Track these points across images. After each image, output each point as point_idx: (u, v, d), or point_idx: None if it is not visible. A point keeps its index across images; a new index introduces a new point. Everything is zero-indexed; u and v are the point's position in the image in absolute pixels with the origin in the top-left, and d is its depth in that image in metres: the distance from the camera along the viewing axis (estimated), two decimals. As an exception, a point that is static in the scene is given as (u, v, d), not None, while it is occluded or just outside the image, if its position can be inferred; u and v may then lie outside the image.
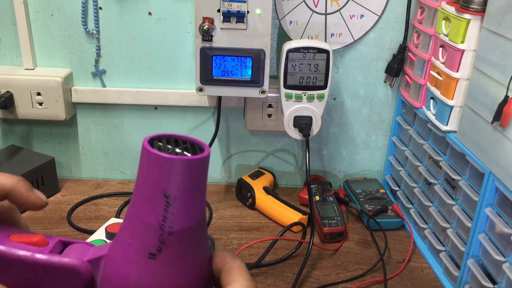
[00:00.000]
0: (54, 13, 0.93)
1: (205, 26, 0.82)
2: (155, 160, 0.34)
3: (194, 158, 0.34)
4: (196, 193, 0.35)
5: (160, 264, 0.35)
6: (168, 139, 0.36)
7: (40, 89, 0.93)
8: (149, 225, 0.34)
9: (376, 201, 0.96)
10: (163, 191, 0.34)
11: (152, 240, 0.34)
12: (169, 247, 0.35)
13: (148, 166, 0.34)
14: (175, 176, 0.34)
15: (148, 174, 0.34)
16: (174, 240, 0.35)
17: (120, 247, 0.36)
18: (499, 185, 0.65)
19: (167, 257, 0.35)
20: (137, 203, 0.35)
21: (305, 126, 0.87)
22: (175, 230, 0.34)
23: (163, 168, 0.33)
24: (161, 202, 0.34)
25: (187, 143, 0.37)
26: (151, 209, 0.34)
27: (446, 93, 0.77)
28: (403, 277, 0.81)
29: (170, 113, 1.01)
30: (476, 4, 0.71)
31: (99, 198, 0.99)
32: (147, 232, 0.34)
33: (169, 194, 0.34)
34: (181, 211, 0.34)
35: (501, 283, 0.65)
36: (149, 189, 0.34)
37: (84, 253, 0.37)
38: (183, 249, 0.35)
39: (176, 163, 0.33)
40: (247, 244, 0.85)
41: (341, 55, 0.97)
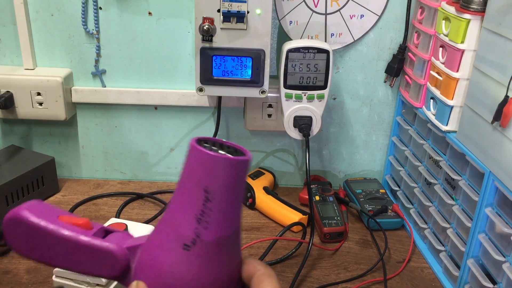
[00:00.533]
0: (54, 13, 0.93)
1: (205, 26, 0.82)
2: (200, 156, 0.36)
3: (235, 159, 0.36)
4: (235, 194, 0.37)
5: (194, 256, 0.36)
6: (214, 142, 0.39)
7: (40, 89, 0.93)
8: (186, 217, 0.36)
9: (376, 201, 0.96)
10: (204, 187, 0.36)
11: (188, 232, 0.36)
12: (204, 242, 0.36)
13: (193, 162, 0.36)
14: (217, 174, 0.35)
15: (192, 170, 0.36)
16: (209, 236, 0.36)
17: (158, 236, 0.38)
18: (499, 185, 0.65)
19: (201, 251, 0.36)
20: (178, 196, 0.37)
21: (305, 126, 0.87)
22: (211, 226, 0.36)
23: (206, 165, 0.36)
24: (201, 197, 0.36)
25: (231, 148, 0.39)
26: (190, 202, 0.36)
27: (446, 93, 0.77)
28: (403, 277, 0.81)
29: (170, 113, 1.01)
30: (476, 4, 0.71)
31: (99, 198, 0.99)
32: (184, 224, 0.36)
33: (209, 190, 0.36)
34: (219, 208, 0.36)
35: (501, 283, 0.65)
36: (191, 184, 0.36)
37: (124, 241, 0.40)
38: (217, 247, 0.37)
39: (219, 161, 0.35)
40: (247, 244, 0.85)
41: (341, 55, 0.97)
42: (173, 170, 1.06)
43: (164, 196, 1.00)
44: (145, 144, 1.04)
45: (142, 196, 1.00)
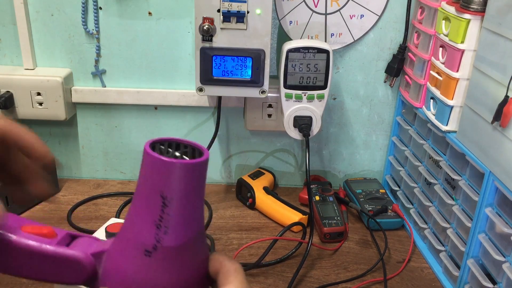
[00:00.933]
0: (54, 13, 0.93)
1: (205, 26, 0.82)
2: (152, 162, 0.35)
3: (189, 162, 0.35)
4: (193, 196, 0.36)
5: (156, 262, 0.36)
6: (170, 142, 0.37)
7: (40, 89, 0.93)
8: (146, 224, 0.36)
9: (376, 201, 0.96)
10: (160, 192, 0.35)
11: (148, 238, 0.36)
12: (165, 248, 0.36)
13: (147, 167, 0.36)
14: (171, 179, 0.35)
15: (147, 175, 0.36)
16: (170, 242, 0.36)
17: (120, 243, 0.38)
18: (499, 185, 0.65)
19: (162, 256, 0.36)
20: (136, 202, 0.37)
21: (305, 126, 0.87)
22: (171, 230, 0.35)
23: (160, 170, 0.35)
24: (158, 203, 0.35)
25: (188, 147, 0.38)
26: (148, 208, 0.35)
27: (446, 93, 0.77)
28: (403, 277, 0.81)
29: (170, 113, 1.01)
30: (476, 4, 0.71)
31: (99, 198, 0.99)
32: (144, 230, 0.36)
33: (165, 196, 0.35)
34: (177, 213, 0.35)
35: (501, 283, 0.65)
36: (148, 189, 0.36)
37: (89, 247, 0.39)
38: (178, 251, 0.36)
39: (172, 166, 0.34)
40: (247, 244, 0.85)
41: (341, 55, 0.97)
42: (173, 170, 1.06)
43: (164, 196, 1.00)
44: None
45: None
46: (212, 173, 1.06)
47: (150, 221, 0.35)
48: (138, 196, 0.37)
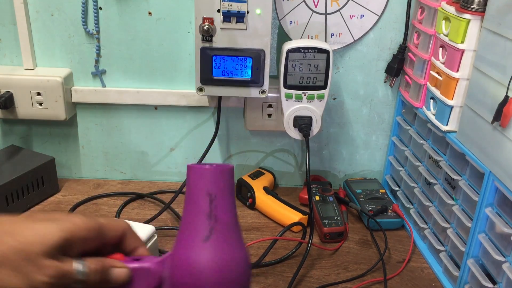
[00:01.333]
0: (54, 13, 0.93)
1: (205, 26, 0.82)
2: (199, 171, 0.47)
3: (226, 167, 0.48)
4: (229, 190, 0.48)
5: (214, 243, 0.46)
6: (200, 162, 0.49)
7: (40, 89, 0.93)
8: (200, 217, 0.46)
9: (376, 201, 0.96)
10: (207, 191, 0.46)
11: (204, 227, 0.46)
12: (218, 231, 0.46)
13: (195, 178, 0.48)
14: (215, 180, 0.47)
15: (195, 184, 0.47)
16: (220, 225, 0.46)
17: (182, 239, 0.47)
18: (499, 185, 0.65)
19: (217, 238, 0.46)
20: (190, 204, 0.48)
21: (305, 126, 0.87)
22: (219, 217, 0.46)
23: (206, 176, 0.47)
24: (207, 199, 0.46)
25: (213, 164, 0.49)
26: (201, 206, 0.46)
27: (446, 93, 0.77)
28: (403, 277, 0.81)
29: (170, 113, 1.01)
30: (476, 4, 0.71)
31: (99, 198, 0.99)
32: (200, 222, 0.46)
33: (211, 193, 0.46)
34: (221, 203, 0.47)
35: (501, 283, 0.65)
36: (197, 192, 0.47)
37: (154, 258, 0.49)
38: (228, 231, 0.47)
39: (215, 170, 0.47)
40: (247, 244, 0.85)
41: (341, 55, 0.97)
42: (173, 170, 1.06)
43: (164, 196, 1.00)
44: (145, 144, 1.04)
45: (142, 196, 1.00)
46: (212, 173, 1.06)
47: (203, 215, 0.46)
48: (190, 200, 0.48)
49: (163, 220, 0.92)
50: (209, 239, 0.45)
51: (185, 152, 1.04)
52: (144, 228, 0.79)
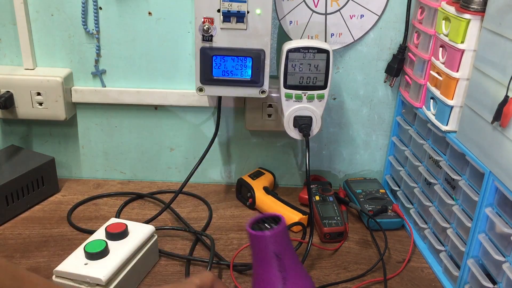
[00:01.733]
0: (54, 13, 0.93)
1: (205, 26, 0.82)
2: (263, 239, 0.57)
3: (282, 228, 0.58)
4: (288, 242, 0.59)
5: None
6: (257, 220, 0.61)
7: (40, 89, 0.93)
8: (274, 271, 0.58)
9: (376, 201, 0.96)
10: (273, 252, 0.57)
11: (278, 278, 0.57)
12: (289, 278, 0.58)
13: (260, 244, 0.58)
14: (278, 241, 0.57)
15: (262, 247, 0.58)
16: (289, 273, 0.58)
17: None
18: (499, 185, 0.65)
19: (290, 284, 0.58)
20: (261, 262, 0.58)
21: (305, 126, 0.87)
22: (287, 267, 0.58)
23: (270, 241, 0.57)
24: (275, 257, 0.57)
25: (268, 218, 0.61)
26: (271, 263, 0.57)
27: (446, 93, 0.77)
28: (403, 277, 0.81)
29: (170, 113, 1.01)
30: (476, 4, 0.71)
31: (99, 198, 0.99)
32: (275, 276, 0.58)
33: (277, 252, 0.57)
34: (286, 256, 0.58)
35: (501, 283, 0.65)
36: (265, 254, 0.57)
37: None
38: (296, 273, 0.59)
39: (275, 234, 0.57)
40: (247, 244, 0.85)
41: (341, 55, 0.97)
42: (173, 170, 1.06)
43: (164, 196, 1.00)
44: (145, 144, 1.04)
45: (142, 196, 1.00)
46: (212, 173, 1.07)
47: (275, 269, 0.57)
48: (258, 260, 0.59)
49: (163, 220, 0.92)
50: (285, 286, 0.57)
51: (185, 152, 1.04)
52: (144, 228, 0.79)
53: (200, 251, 0.85)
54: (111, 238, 0.75)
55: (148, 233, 0.79)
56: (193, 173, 0.94)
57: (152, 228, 0.80)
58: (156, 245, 0.81)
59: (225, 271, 0.80)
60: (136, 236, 0.77)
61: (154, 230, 0.80)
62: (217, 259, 0.82)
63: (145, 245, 0.78)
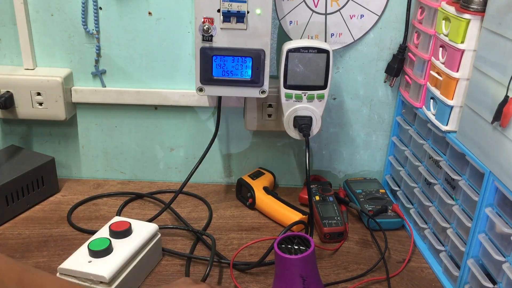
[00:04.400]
0: (54, 13, 0.93)
1: (205, 26, 0.82)
2: (291, 262, 0.59)
3: (311, 252, 0.60)
4: (315, 267, 0.61)
5: None
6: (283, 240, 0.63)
7: (40, 89, 0.93)
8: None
9: (376, 201, 0.96)
10: (300, 274, 0.59)
11: None
12: None
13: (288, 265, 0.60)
14: (305, 265, 0.59)
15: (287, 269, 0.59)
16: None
17: None
18: (499, 185, 0.65)
19: None
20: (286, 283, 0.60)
21: (305, 126, 0.87)
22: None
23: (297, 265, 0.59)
24: (301, 280, 0.59)
25: (296, 238, 0.63)
26: (297, 285, 0.59)
27: (446, 93, 0.77)
28: (403, 277, 0.81)
29: (170, 113, 1.01)
30: (476, 4, 0.71)
31: (99, 198, 0.99)
32: None
33: (302, 274, 0.59)
34: (311, 279, 0.60)
35: (501, 283, 0.65)
36: (292, 276, 0.59)
37: None
38: None
39: (303, 258, 0.59)
40: (247, 244, 0.85)
41: (341, 55, 0.97)
42: (173, 170, 1.06)
43: (164, 196, 1.00)
44: (145, 144, 1.04)
45: (142, 196, 1.00)
46: (212, 173, 1.07)
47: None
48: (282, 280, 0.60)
49: (163, 220, 0.92)
50: None
51: (185, 152, 1.04)
52: (147, 226, 0.79)
53: (200, 250, 0.85)
54: (115, 236, 0.75)
55: (151, 232, 0.79)
56: (193, 173, 0.94)
57: (156, 227, 0.80)
58: (159, 244, 0.82)
59: (226, 270, 0.80)
60: (140, 235, 0.77)
61: (157, 228, 0.80)
62: (218, 258, 0.82)
63: (149, 244, 0.78)
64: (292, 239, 0.62)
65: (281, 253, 0.59)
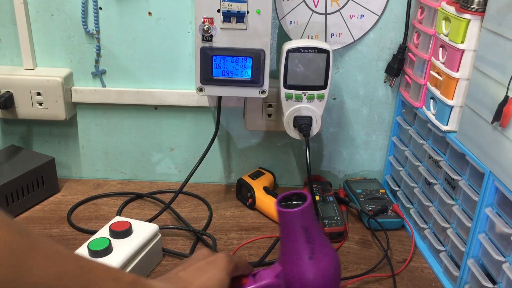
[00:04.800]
0: (54, 13, 0.93)
1: (205, 26, 0.82)
2: (291, 215, 0.62)
3: (308, 204, 0.62)
4: (314, 217, 0.63)
5: (316, 259, 0.62)
6: (284, 198, 0.65)
7: (40, 89, 0.93)
8: (303, 243, 0.62)
9: (376, 201, 0.96)
10: (301, 226, 0.62)
11: (307, 249, 0.62)
12: (316, 249, 0.62)
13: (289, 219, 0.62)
14: (305, 216, 0.62)
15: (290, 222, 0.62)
16: (317, 245, 0.63)
17: (290, 259, 0.63)
18: (499, 185, 0.65)
19: (318, 255, 0.63)
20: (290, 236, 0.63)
21: (305, 126, 0.87)
22: (315, 239, 0.62)
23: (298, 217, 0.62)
24: (303, 231, 0.62)
25: (294, 196, 0.65)
26: (300, 236, 0.62)
27: (446, 93, 0.77)
28: (403, 277, 0.81)
29: (170, 113, 1.01)
30: (476, 4, 0.71)
31: (99, 198, 0.99)
32: (303, 247, 0.62)
33: (305, 226, 0.62)
34: (313, 229, 0.62)
35: (501, 283, 0.65)
36: (294, 228, 0.62)
37: (269, 274, 0.64)
38: (322, 246, 0.63)
39: (302, 210, 0.61)
40: (247, 241, 0.85)
41: (341, 55, 0.97)
42: (173, 170, 1.06)
43: (164, 196, 1.00)
44: (145, 144, 1.04)
45: (142, 196, 1.00)
46: (212, 173, 1.07)
47: (304, 241, 0.62)
48: (287, 235, 0.63)
49: (163, 220, 0.92)
50: (313, 257, 0.62)
51: (185, 152, 1.04)
52: (148, 226, 0.79)
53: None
54: (115, 236, 0.75)
55: (152, 232, 0.79)
56: (193, 173, 0.94)
57: (156, 227, 0.80)
58: (160, 244, 0.81)
59: (225, 271, 0.80)
60: (140, 235, 0.77)
61: (158, 229, 0.80)
62: (217, 259, 0.82)
63: (149, 244, 0.78)
64: (290, 198, 0.66)
65: (282, 209, 0.62)
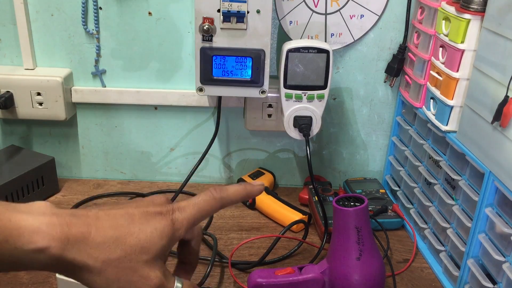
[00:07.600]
0: (54, 13, 0.93)
1: (205, 26, 0.82)
2: (348, 213, 0.65)
3: (364, 206, 0.66)
4: (368, 220, 0.66)
5: (363, 261, 0.65)
6: (340, 199, 0.69)
7: (40, 89, 0.93)
8: (352, 243, 0.66)
9: (376, 201, 0.96)
10: (355, 225, 0.65)
11: (356, 250, 0.65)
12: (365, 251, 0.65)
13: (344, 216, 0.66)
14: (359, 217, 0.65)
15: (345, 221, 0.66)
16: (366, 247, 0.66)
17: (338, 258, 0.67)
18: (499, 185, 0.65)
19: (365, 257, 0.65)
20: (343, 234, 0.66)
21: (305, 126, 0.87)
22: (365, 241, 0.65)
23: (353, 216, 0.65)
24: (355, 231, 0.65)
25: (351, 198, 0.70)
26: (352, 236, 0.65)
27: (446, 93, 0.77)
28: (403, 277, 0.81)
29: (170, 113, 1.01)
30: (476, 4, 0.71)
31: (99, 198, 0.99)
32: (353, 248, 0.66)
33: (358, 226, 0.65)
34: (365, 231, 0.66)
35: (501, 283, 0.65)
36: (348, 227, 0.65)
37: (315, 269, 0.68)
38: (371, 249, 0.66)
39: (359, 210, 0.65)
40: (245, 241, 0.85)
41: (341, 55, 0.97)
42: (173, 170, 1.06)
43: (164, 196, 1.00)
44: (145, 144, 1.04)
45: (142, 196, 1.00)
46: (212, 173, 1.07)
47: (354, 242, 0.65)
48: (339, 232, 0.67)
49: (163, 220, 0.92)
50: (360, 258, 0.65)
51: (185, 152, 1.04)
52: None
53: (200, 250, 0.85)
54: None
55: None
56: (193, 173, 0.94)
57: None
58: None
59: (226, 270, 0.80)
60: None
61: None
62: (219, 258, 0.82)
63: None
64: (348, 199, 0.70)
65: (339, 206, 0.66)
